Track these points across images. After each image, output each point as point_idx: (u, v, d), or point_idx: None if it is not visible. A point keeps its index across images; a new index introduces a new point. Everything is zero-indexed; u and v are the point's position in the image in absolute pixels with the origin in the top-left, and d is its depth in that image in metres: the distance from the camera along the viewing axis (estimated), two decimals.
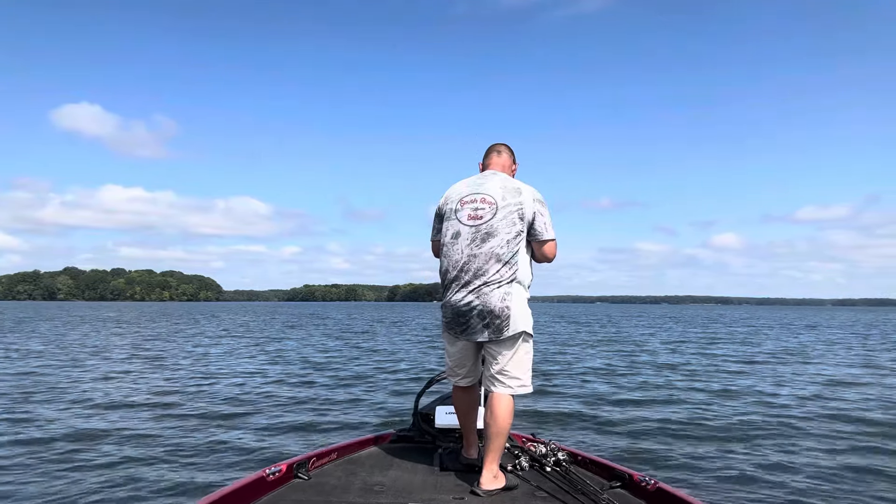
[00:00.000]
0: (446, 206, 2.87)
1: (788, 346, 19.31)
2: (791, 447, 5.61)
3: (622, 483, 2.69)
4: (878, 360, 14.44)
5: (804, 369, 12.26)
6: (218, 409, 7.24)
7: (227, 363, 12.59)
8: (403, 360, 13.64)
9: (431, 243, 3.02)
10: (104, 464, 4.87)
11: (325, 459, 2.99)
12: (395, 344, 18.63)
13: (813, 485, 4.52)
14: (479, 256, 2.68)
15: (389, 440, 3.43)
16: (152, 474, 4.62)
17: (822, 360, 14.55)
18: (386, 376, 10.58)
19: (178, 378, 10.09)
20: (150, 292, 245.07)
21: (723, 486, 4.47)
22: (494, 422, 2.65)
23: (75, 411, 7.03)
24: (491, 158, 3.02)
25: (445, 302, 2.79)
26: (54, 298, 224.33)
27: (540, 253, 2.82)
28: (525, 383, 2.75)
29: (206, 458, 5.14)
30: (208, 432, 6.07)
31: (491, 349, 2.75)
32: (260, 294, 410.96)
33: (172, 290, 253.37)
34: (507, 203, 2.72)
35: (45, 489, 4.24)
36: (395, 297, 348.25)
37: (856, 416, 7.09)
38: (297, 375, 10.62)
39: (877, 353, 16.91)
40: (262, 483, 2.55)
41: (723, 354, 15.61)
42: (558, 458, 2.86)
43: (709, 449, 5.51)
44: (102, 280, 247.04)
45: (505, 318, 2.65)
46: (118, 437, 5.78)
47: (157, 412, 7.06)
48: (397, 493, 2.59)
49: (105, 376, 10.17)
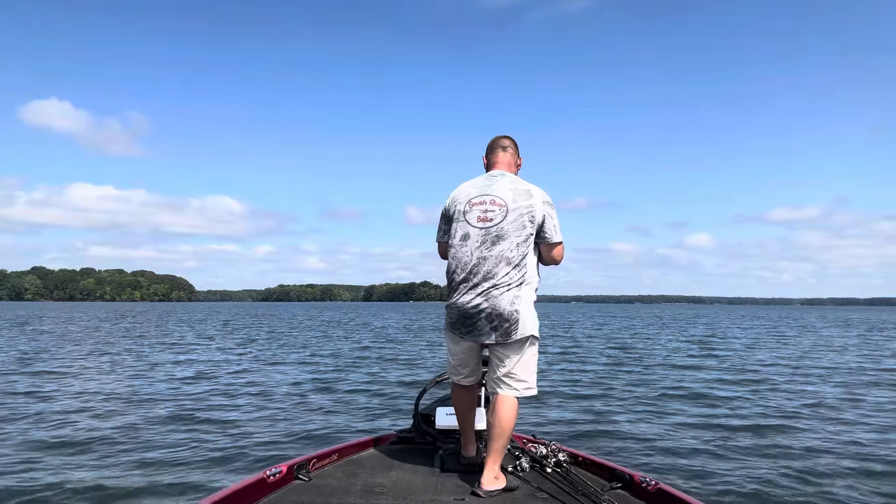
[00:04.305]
0: (453, 208, 2.82)
1: (787, 347, 19.58)
2: (791, 447, 5.66)
3: (623, 484, 2.70)
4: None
5: (807, 370, 12.26)
6: (214, 411, 7.16)
7: (215, 364, 12.43)
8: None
9: (438, 245, 2.97)
10: (96, 467, 4.80)
11: (326, 461, 2.96)
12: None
13: (813, 484, 4.56)
14: (489, 259, 2.66)
15: (390, 441, 3.41)
16: (150, 477, 4.57)
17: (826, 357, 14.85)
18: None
19: (163, 380, 9.92)
20: (121, 292, 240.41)
21: (723, 487, 4.49)
22: (498, 423, 2.64)
23: (73, 411, 6.90)
24: (496, 155, 2.95)
25: (452, 303, 2.76)
26: (21, 299, 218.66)
27: (548, 256, 2.81)
28: (531, 386, 2.74)
29: (206, 460, 5.10)
30: (207, 434, 6.02)
31: (498, 352, 2.73)
32: (233, 294, 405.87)
33: (143, 290, 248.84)
34: (518, 206, 2.69)
35: (52, 492, 4.19)
36: (372, 297, 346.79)
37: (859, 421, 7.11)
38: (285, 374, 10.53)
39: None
40: (262, 484, 2.53)
41: (722, 355, 15.66)
42: (559, 459, 2.86)
43: (709, 450, 5.55)
44: (71, 280, 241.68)
45: (514, 322, 2.63)
46: (105, 442, 5.68)
47: (133, 415, 6.94)
48: (398, 494, 2.57)
49: (64, 381, 9.95)
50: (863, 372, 11.92)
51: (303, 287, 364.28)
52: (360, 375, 10.80)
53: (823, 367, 12.78)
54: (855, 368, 12.55)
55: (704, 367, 12.58)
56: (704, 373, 11.68)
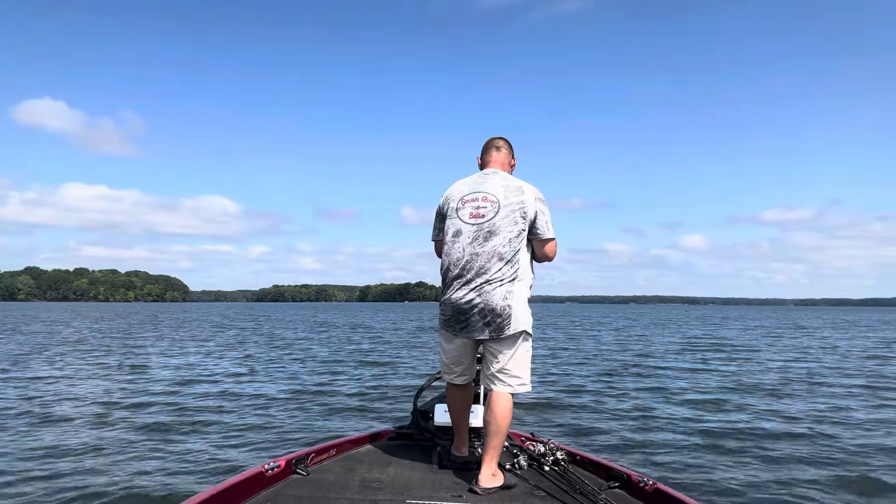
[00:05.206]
0: (447, 205, 2.86)
1: (792, 345, 19.67)
2: (790, 447, 5.66)
3: (620, 483, 2.71)
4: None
5: (807, 371, 12.25)
6: (209, 413, 7.12)
7: (206, 364, 12.38)
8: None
9: (434, 243, 3.00)
10: (95, 466, 4.77)
11: (324, 455, 2.99)
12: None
13: (812, 484, 4.56)
14: (481, 255, 2.68)
15: (388, 437, 3.43)
16: (146, 474, 4.55)
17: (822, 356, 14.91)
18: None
19: (158, 379, 9.89)
20: (115, 293, 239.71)
21: (720, 487, 4.49)
22: (494, 420, 2.65)
23: (66, 412, 6.87)
24: (490, 155, 2.99)
25: (445, 299, 2.78)
26: (14, 299, 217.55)
27: (541, 252, 2.83)
28: (525, 382, 2.75)
29: (204, 456, 5.09)
30: (205, 432, 6.01)
31: (491, 347, 2.75)
32: (228, 294, 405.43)
33: (137, 290, 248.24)
34: (510, 202, 2.72)
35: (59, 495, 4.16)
36: (367, 297, 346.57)
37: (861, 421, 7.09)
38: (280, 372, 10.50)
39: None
40: (260, 478, 2.54)
41: (721, 356, 15.65)
42: (557, 458, 2.87)
43: (707, 450, 5.55)
44: (65, 280, 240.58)
45: (506, 317, 2.65)
46: (100, 441, 5.65)
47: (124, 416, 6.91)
48: (396, 489, 2.58)
49: (60, 382, 9.91)
50: (863, 373, 11.95)
51: (297, 287, 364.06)
52: (356, 376, 10.77)
53: (824, 368, 12.79)
54: (855, 370, 12.58)
55: (704, 367, 12.60)
56: (704, 373, 11.71)
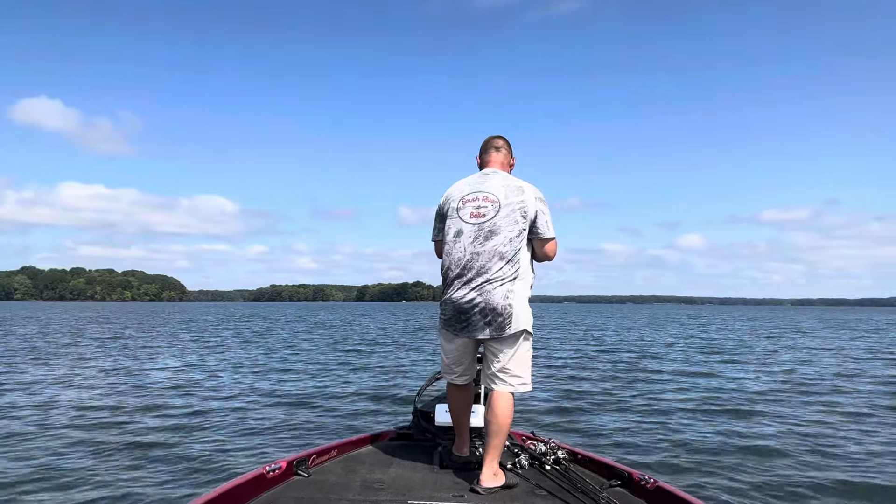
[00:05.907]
0: (447, 205, 2.86)
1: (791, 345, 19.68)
2: (791, 447, 5.68)
3: (622, 482, 2.71)
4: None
5: (807, 372, 12.27)
6: (205, 414, 7.12)
7: (203, 366, 12.33)
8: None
9: (434, 244, 2.99)
10: (98, 469, 4.77)
11: (325, 457, 2.98)
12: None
13: (813, 484, 4.58)
14: (482, 254, 2.69)
15: (389, 438, 3.42)
16: (147, 475, 4.55)
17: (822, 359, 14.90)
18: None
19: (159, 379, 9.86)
20: (111, 292, 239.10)
21: (721, 485, 4.51)
22: (495, 419, 2.65)
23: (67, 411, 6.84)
24: (490, 155, 2.99)
25: (446, 299, 2.78)
26: (11, 298, 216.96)
27: (541, 252, 2.84)
28: (525, 381, 2.76)
29: (204, 458, 5.08)
30: (205, 434, 6.00)
31: (492, 347, 2.75)
32: (225, 294, 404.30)
33: (134, 290, 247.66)
34: (510, 201, 2.73)
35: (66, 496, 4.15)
36: (364, 297, 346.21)
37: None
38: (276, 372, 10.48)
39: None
40: (262, 480, 2.54)
41: (721, 356, 15.63)
42: (558, 457, 2.87)
43: (707, 449, 5.57)
44: (61, 280, 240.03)
45: (507, 316, 2.66)
46: (102, 443, 5.65)
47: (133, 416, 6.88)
48: (397, 490, 2.58)
49: (62, 384, 9.86)
50: (864, 375, 11.97)
51: (295, 287, 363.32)
52: (356, 376, 10.77)
53: (824, 369, 12.81)
54: (857, 371, 12.60)
55: (704, 368, 12.63)
56: (704, 373, 11.73)
